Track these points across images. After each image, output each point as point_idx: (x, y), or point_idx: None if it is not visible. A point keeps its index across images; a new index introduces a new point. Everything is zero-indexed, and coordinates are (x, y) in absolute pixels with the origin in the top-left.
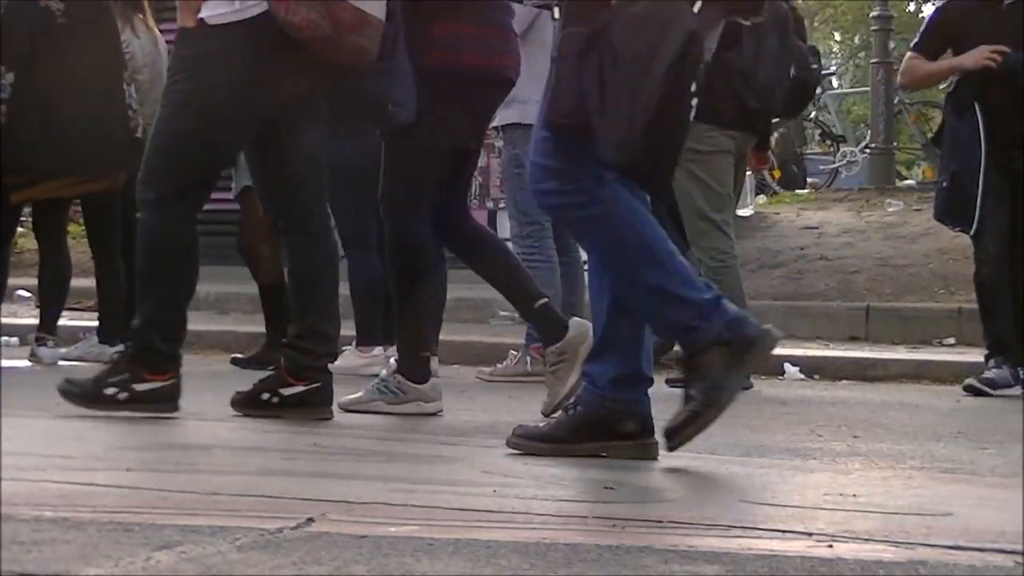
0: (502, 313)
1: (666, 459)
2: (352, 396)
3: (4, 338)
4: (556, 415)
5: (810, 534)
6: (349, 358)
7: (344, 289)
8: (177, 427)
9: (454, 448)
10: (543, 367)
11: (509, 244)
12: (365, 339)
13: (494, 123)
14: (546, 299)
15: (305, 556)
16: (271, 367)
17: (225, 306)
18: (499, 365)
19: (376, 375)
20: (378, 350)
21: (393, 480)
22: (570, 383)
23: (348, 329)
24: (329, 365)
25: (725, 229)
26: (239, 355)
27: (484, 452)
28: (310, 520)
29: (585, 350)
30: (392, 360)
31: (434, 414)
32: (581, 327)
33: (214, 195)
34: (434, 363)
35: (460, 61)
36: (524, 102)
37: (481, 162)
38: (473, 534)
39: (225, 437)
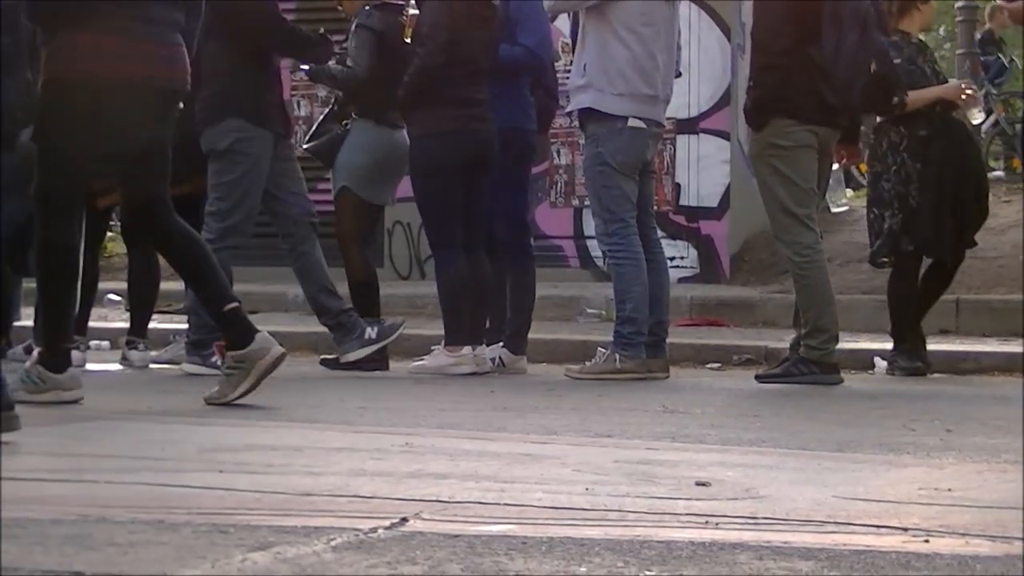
0: (590, 311)
1: (758, 455)
2: None
3: (95, 342)
4: None
5: (905, 529)
6: (438, 358)
7: (433, 289)
8: (267, 429)
9: (544, 446)
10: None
11: (587, 242)
12: (453, 338)
13: (568, 108)
14: (237, 303)
15: (399, 556)
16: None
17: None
18: (587, 363)
19: (466, 374)
20: (466, 349)
21: (485, 479)
22: (240, 390)
23: (436, 329)
24: (418, 364)
25: (809, 224)
26: (328, 356)
27: (575, 450)
28: (403, 520)
29: (264, 365)
30: (36, 351)
31: (74, 402)
32: (266, 343)
33: (314, 197)
34: (76, 354)
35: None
36: (600, 91)
37: (565, 159)
38: (566, 532)
39: (315, 438)
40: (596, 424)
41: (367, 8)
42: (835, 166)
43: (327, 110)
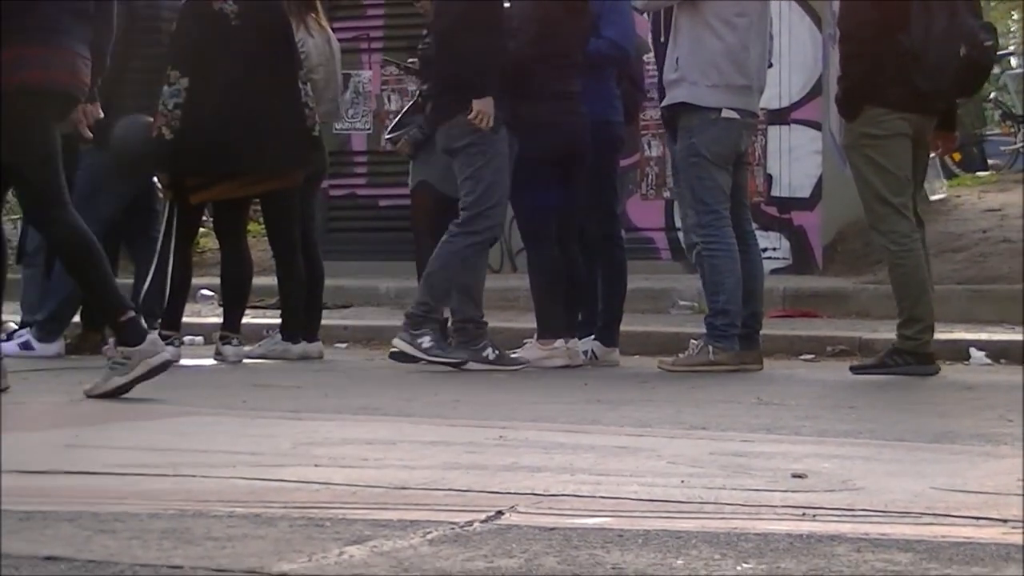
0: (682, 303)
1: (854, 447)
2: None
3: (188, 337)
4: None
5: (1005, 520)
6: (531, 350)
7: (525, 282)
8: (361, 423)
9: (639, 439)
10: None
11: (679, 234)
12: (545, 332)
13: (663, 103)
14: (133, 313)
15: (496, 549)
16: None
17: (403, 301)
18: (680, 355)
19: (559, 367)
20: (559, 342)
21: (580, 472)
22: (115, 383)
23: (529, 322)
24: (513, 355)
25: (905, 212)
26: (395, 349)
27: (669, 442)
28: (499, 513)
29: (149, 364)
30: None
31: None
32: (155, 346)
33: (393, 191)
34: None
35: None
36: (693, 83)
37: (656, 151)
38: (662, 524)
39: (409, 431)
40: (690, 416)
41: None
42: (932, 155)
43: (410, 102)
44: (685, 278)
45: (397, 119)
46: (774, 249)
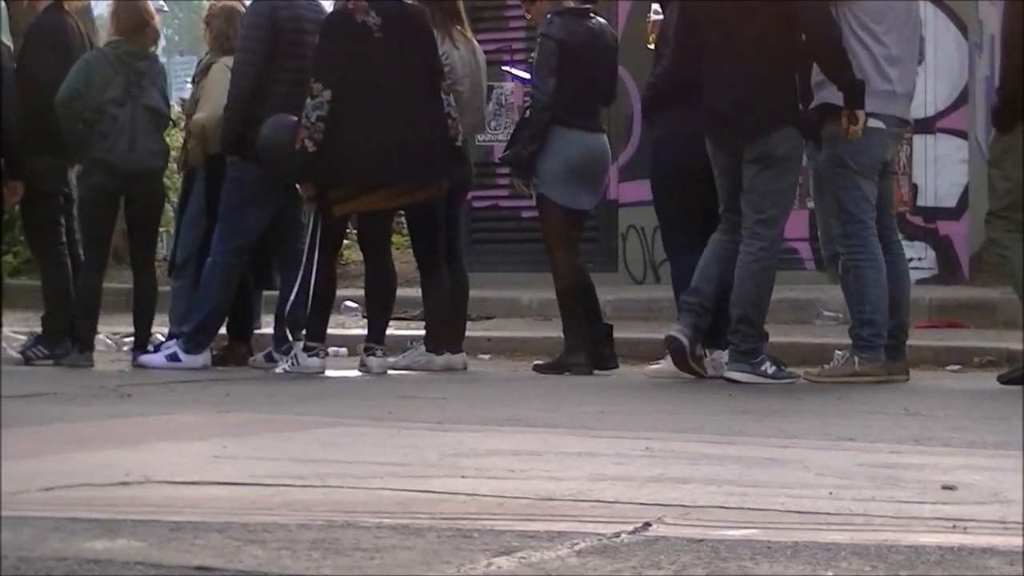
0: (826, 313)
1: (1004, 459)
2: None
3: (333, 348)
4: None
5: None
6: (671, 362)
7: (668, 293)
8: (507, 434)
9: (785, 450)
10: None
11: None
12: None
13: (811, 105)
14: None
15: (644, 560)
16: (565, 371)
17: (546, 312)
18: (826, 366)
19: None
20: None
21: (727, 483)
22: None
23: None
24: (653, 368)
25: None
26: (539, 361)
27: (816, 454)
28: (647, 524)
29: None
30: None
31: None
32: None
33: (528, 202)
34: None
35: None
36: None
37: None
38: (811, 536)
39: (555, 443)
40: (837, 427)
41: (549, 16)
42: None
43: (520, 118)
44: (830, 288)
45: (512, 135)
46: (920, 259)
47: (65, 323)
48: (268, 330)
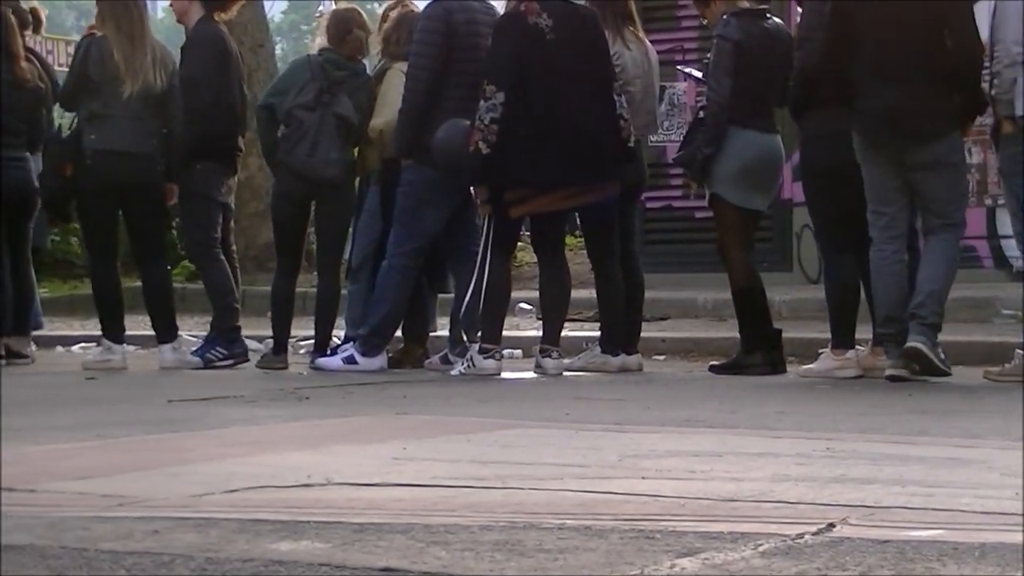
0: (1005, 312)
1: None
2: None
3: (508, 350)
4: None
5: None
6: (824, 361)
7: (813, 292)
8: (686, 435)
9: (969, 450)
10: None
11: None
12: (840, 342)
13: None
14: None
15: (829, 562)
16: (741, 372)
17: (721, 313)
18: (1006, 365)
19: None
20: (851, 353)
21: (911, 484)
22: None
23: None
24: (807, 368)
25: None
26: (715, 362)
27: (1001, 454)
28: (831, 525)
29: None
30: None
31: None
32: None
33: (702, 203)
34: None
35: None
36: None
37: (977, 158)
38: (1000, 537)
39: (735, 443)
40: (1020, 427)
41: (725, 17)
42: None
43: (693, 119)
44: (1009, 286)
45: (684, 137)
46: None
47: (236, 322)
48: (443, 332)
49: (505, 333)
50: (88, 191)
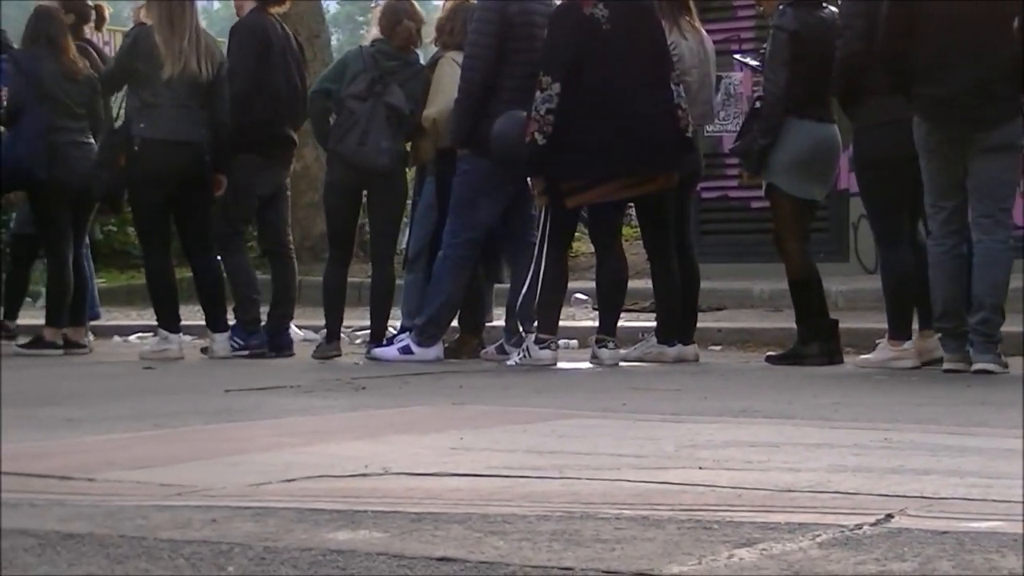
0: None
1: None
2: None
3: (563, 340)
4: None
5: None
6: (882, 351)
7: (869, 282)
8: (743, 425)
9: None
10: None
11: None
12: (897, 332)
13: None
14: None
15: (887, 552)
16: (797, 362)
17: (778, 303)
18: None
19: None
20: (908, 344)
21: (969, 475)
22: None
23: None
24: (864, 358)
25: None
26: (772, 352)
27: None
28: (889, 516)
29: None
30: None
31: None
32: None
33: (758, 193)
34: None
35: None
36: None
37: None
38: None
39: (792, 434)
40: None
41: (782, 7)
42: None
43: (750, 109)
44: None
45: (741, 127)
46: None
47: (258, 313)
48: (500, 323)
49: (561, 323)
50: (137, 179)
